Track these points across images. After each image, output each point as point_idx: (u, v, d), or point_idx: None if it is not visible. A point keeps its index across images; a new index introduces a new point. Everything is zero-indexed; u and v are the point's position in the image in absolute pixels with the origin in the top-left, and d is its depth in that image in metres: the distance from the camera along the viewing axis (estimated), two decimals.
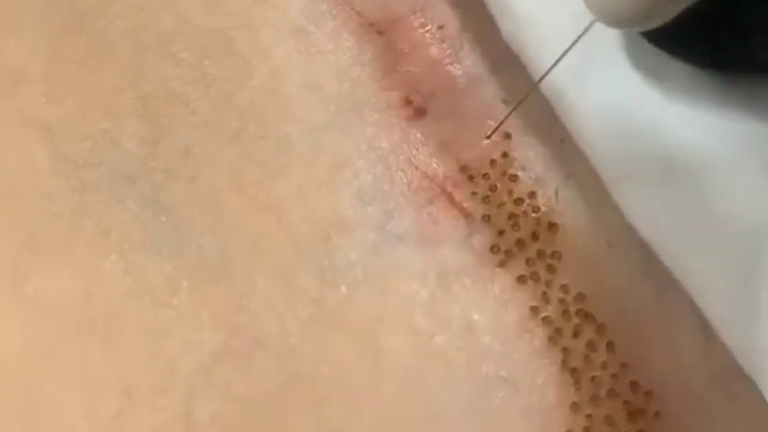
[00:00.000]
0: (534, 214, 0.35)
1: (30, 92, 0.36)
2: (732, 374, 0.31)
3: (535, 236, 0.34)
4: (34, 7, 0.37)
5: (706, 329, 0.31)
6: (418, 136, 0.36)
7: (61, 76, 0.36)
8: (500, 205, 0.35)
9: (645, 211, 0.32)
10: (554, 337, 0.33)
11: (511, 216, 0.35)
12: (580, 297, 0.33)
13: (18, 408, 0.31)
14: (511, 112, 0.35)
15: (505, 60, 0.35)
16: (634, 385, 0.32)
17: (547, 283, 0.34)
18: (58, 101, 0.36)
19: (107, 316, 0.32)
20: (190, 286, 0.33)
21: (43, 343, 0.32)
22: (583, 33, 0.31)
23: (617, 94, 0.33)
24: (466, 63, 0.37)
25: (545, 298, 0.33)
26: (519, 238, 0.34)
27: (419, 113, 0.36)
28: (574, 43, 0.32)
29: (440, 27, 0.37)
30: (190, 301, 0.33)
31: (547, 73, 0.32)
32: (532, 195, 0.35)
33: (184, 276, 0.33)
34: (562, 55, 0.32)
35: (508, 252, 0.34)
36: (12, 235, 0.33)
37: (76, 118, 0.35)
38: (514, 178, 0.35)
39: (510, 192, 0.35)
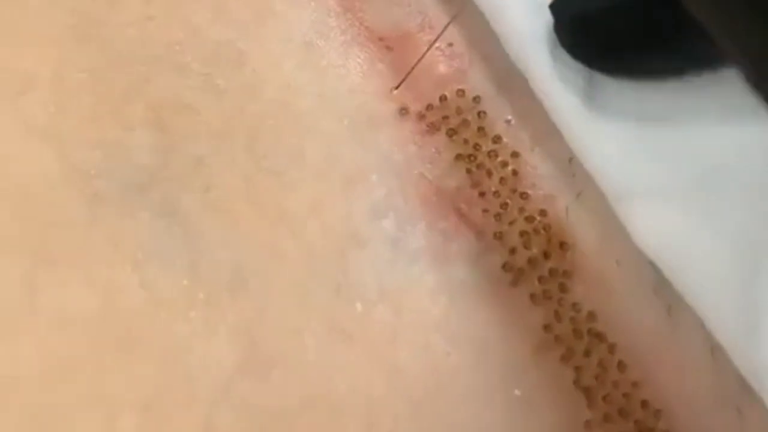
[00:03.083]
0: (545, 232, 0.35)
1: (39, 100, 0.35)
2: (741, 393, 0.32)
3: (546, 255, 0.35)
4: (43, 16, 0.36)
5: (715, 348, 0.32)
6: (432, 150, 0.36)
7: (70, 85, 0.36)
8: (511, 222, 0.35)
9: (649, 232, 0.32)
10: (566, 355, 0.33)
11: (523, 234, 0.35)
12: (592, 316, 0.34)
13: (36, 426, 0.30)
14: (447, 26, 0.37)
15: (511, 79, 0.36)
16: (644, 404, 0.33)
17: (560, 302, 0.34)
18: (67, 110, 0.35)
19: (124, 330, 0.32)
20: (206, 299, 0.33)
21: (59, 358, 0.31)
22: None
23: (621, 116, 0.34)
24: (473, 81, 0.37)
25: (557, 317, 0.34)
26: (531, 257, 0.35)
27: (433, 128, 0.36)
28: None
29: (449, 44, 0.38)
30: (206, 314, 0.32)
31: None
32: (543, 213, 0.35)
33: (200, 289, 0.33)
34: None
35: (520, 270, 0.35)
36: (24, 247, 0.32)
37: (85, 127, 0.35)
38: (525, 195, 0.35)
39: (521, 210, 0.35)
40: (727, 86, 0.31)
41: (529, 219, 0.35)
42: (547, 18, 0.34)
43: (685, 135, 0.33)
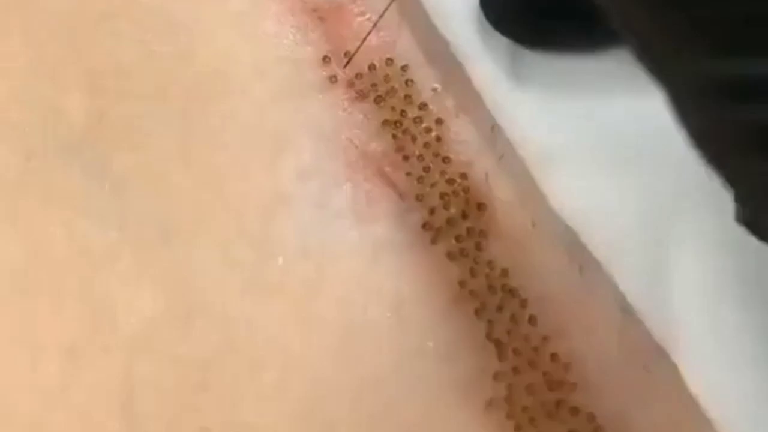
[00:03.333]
0: (464, 194, 0.36)
1: None
2: (649, 350, 0.33)
3: (464, 215, 0.36)
4: None
5: (625, 307, 0.33)
6: (360, 117, 0.37)
7: (6, 48, 0.37)
8: (433, 185, 0.36)
9: (564, 194, 0.34)
10: (480, 310, 0.35)
11: (443, 195, 0.36)
12: (505, 273, 0.35)
13: None
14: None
15: (438, 49, 0.37)
16: (554, 357, 0.34)
17: (475, 259, 0.35)
18: (2, 72, 0.36)
19: (51, 279, 0.33)
20: (132, 252, 0.34)
21: None
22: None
23: (541, 86, 0.35)
24: (401, 50, 0.38)
25: (472, 273, 0.35)
26: (449, 217, 0.36)
27: (361, 95, 0.37)
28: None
29: (379, 15, 0.39)
30: (132, 267, 0.34)
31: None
32: (463, 176, 0.36)
33: (127, 243, 0.34)
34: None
35: (439, 229, 0.36)
36: None
37: (22, 89, 0.36)
38: (447, 160, 0.37)
39: (442, 173, 0.36)
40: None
41: (450, 182, 0.36)
42: None
43: (597, 105, 0.35)
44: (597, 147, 0.34)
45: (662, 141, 0.33)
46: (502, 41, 0.35)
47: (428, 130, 0.37)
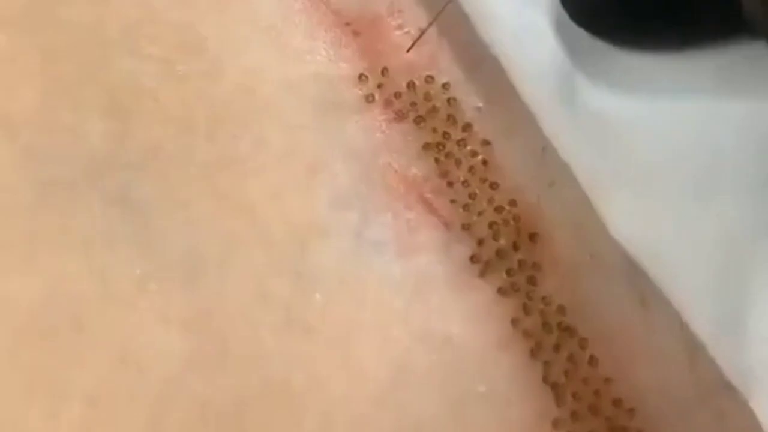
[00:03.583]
0: (514, 223, 0.34)
1: None
2: (720, 389, 0.31)
3: (515, 246, 0.34)
4: None
5: (692, 343, 0.31)
6: (399, 139, 0.35)
7: (23, 68, 0.35)
8: (480, 213, 0.34)
9: (626, 222, 0.31)
10: (535, 350, 0.32)
11: (491, 225, 0.34)
12: (562, 309, 0.33)
13: None
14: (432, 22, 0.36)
15: (482, 64, 0.35)
16: (616, 401, 0.32)
17: (528, 295, 0.33)
18: (19, 93, 0.34)
19: (71, 320, 0.31)
20: (158, 289, 0.32)
21: (4, 347, 0.30)
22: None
23: (599, 105, 0.32)
24: (442, 67, 0.36)
25: (526, 310, 0.33)
26: (499, 248, 0.34)
27: (400, 115, 0.35)
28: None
29: (419, 29, 0.37)
30: (158, 305, 0.31)
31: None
32: (512, 203, 0.34)
33: (153, 279, 0.32)
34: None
35: (488, 262, 0.33)
36: None
37: (38, 111, 0.34)
38: (494, 186, 0.34)
39: (490, 200, 0.34)
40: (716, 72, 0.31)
41: (499, 209, 0.34)
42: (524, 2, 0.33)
43: (667, 123, 0.32)
44: (663, 166, 0.31)
45: (741, 161, 0.31)
46: (554, 53, 0.33)
47: (473, 153, 0.35)
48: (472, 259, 0.33)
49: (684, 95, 0.32)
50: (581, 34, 0.32)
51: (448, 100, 0.35)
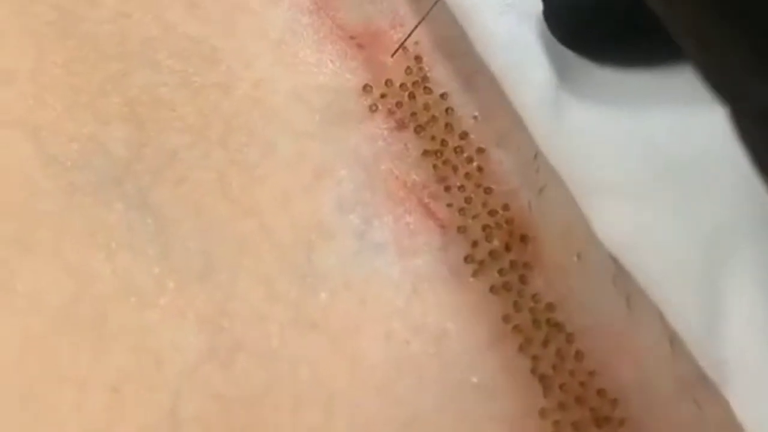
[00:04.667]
0: (507, 226, 0.36)
1: (17, 93, 0.37)
2: (698, 383, 0.33)
3: (507, 247, 0.36)
4: (24, 12, 0.38)
5: (673, 339, 0.33)
6: (400, 146, 0.37)
7: (48, 79, 0.37)
8: (475, 216, 0.36)
9: (612, 225, 0.33)
10: (524, 345, 0.34)
11: (485, 227, 0.36)
12: (550, 307, 0.35)
13: (9, 403, 0.31)
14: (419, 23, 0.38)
15: (478, 76, 0.37)
16: (601, 392, 0.34)
17: (519, 293, 0.35)
18: (44, 103, 0.36)
19: (96, 315, 0.33)
20: (175, 287, 0.34)
21: (34, 340, 0.32)
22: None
23: (583, 117, 0.34)
24: (439, 78, 0.38)
25: (516, 308, 0.35)
26: (492, 249, 0.36)
27: (401, 124, 0.37)
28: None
29: (416, 42, 0.39)
30: (175, 302, 0.33)
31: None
32: (505, 207, 0.36)
33: (170, 277, 0.34)
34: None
35: (481, 262, 0.35)
36: (2, 235, 0.34)
37: (62, 120, 0.36)
38: (488, 190, 0.36)
39: (484, 204, 0.36)
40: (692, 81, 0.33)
41: (492, 213, 0.36)
42: (515, 16, 0.35)
43: (646, 131, 0.34)
44: (645, 173, 0.33)
45: (716, 166, 0.33)
46: (544, 66, 0.35)
47: (469, 159, 0.37)
48: (467, 259, 0.35)
49: (663, 106, 0.34)
50: (566, 50, 0.34)
51: (446, 110, 0.37)
